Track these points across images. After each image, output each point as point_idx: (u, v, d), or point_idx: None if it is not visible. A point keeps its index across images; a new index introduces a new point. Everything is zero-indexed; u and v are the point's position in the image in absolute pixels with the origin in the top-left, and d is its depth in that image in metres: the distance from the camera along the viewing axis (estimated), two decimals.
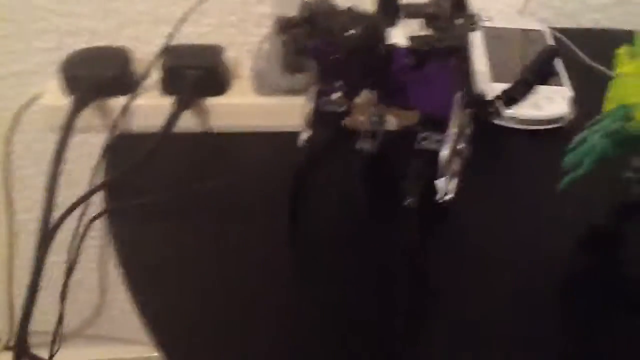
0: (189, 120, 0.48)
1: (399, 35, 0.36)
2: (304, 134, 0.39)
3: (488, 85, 0.52)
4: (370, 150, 0.41)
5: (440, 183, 0.34)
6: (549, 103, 0.50)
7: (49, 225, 0.43)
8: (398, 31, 0.35)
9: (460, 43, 0.30)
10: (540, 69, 0.52)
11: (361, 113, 0.43)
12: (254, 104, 0.48)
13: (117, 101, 0.48)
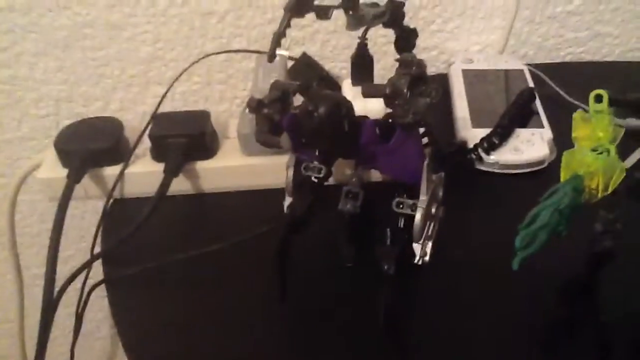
0: (180, 184, 0.50)
1: (375, 103, 0.37)
2: (287, 200, 0.41)
3: (469, 131, 0.53)
4: (352, 211, 0.42)
5: (416, 247, 0.35)
6: (530, 146, 0.51)
7: (52, 295, 0.45)
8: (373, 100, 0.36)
9: (419, 118, 0.32)
10: (518, 113, 0.53)
11: (344, 169, 0.45)
12: (242, 165, 0.50)
13: (111, 170, 0.50)
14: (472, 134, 0.52)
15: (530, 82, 0.59)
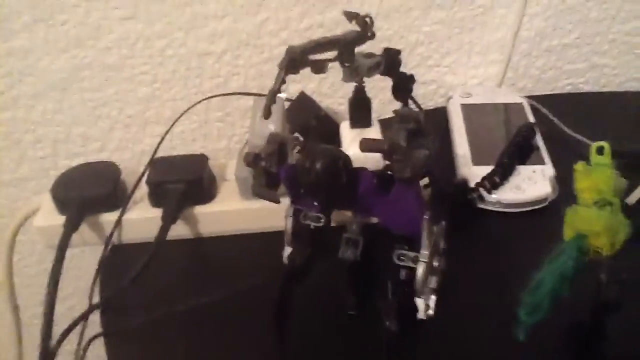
0: (179, 229, 0.49)
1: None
2: (287, 250, 0.40)
3: (470, 169, 0.53)
4: (353, 259, 0.41)
5: (419, 302, 0.34)
6: (531, 184, 0.50)
7: (49, 347, 0.44)
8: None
9: (418, 172, 0.31)
10: (519, 149, 0.52)
11: (343, 213, 0.44)
12: (241, 210, 0.49)
13: (109, 216, 0.49)
14: (473, 172, 0.52)
15: (530, 116, 0.59)
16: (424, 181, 0.42)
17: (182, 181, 0.48)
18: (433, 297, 0.35)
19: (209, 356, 0.42)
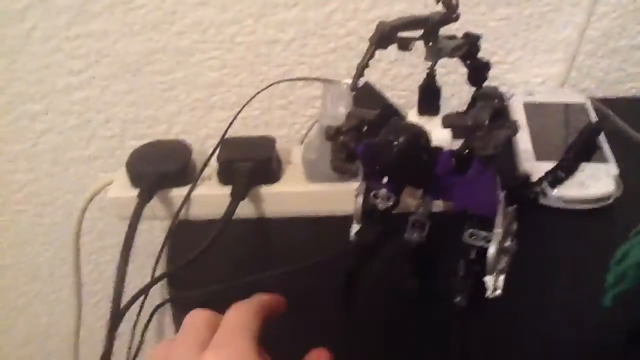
0: (245, 208, 0.51)
1: (441, 133, 0.38)
2: (354, 228, 0.41)
3: (532, 164, 0.53)
4: (419, 241, 0.42)
5: (489, 280, 0.35)
6: (595, 182, 0.50)
7: (119, 309, 0.47)
8: (440, 129, 0.37)
9: (500, 151, 0.32)
10: (583, 147, 0.52)
11: (411, 199, 0.45)
12: (306, 192, 0.51)
13: (179, 191, 0.51)
14: (536, 167, 0.52)
15: (593, 116, 0.58)
16: None
17: (251, 160, 0.50)
18: (502, 277, 0.35)
19: (273, 327, 0.43)
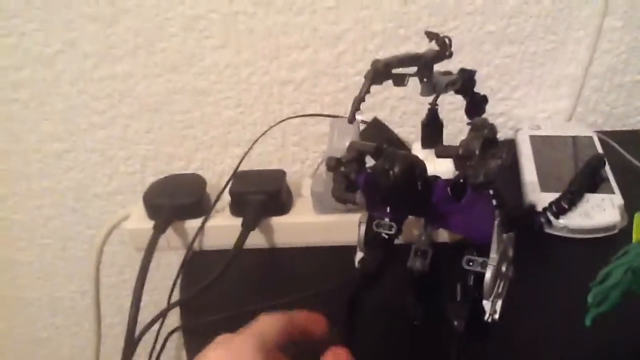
0: (256, 238, 0.53)
1: (444, 165, 0.39)
2: (358, 255, 0.43)
3: (538, 195, 0.54)
4: (421, 268, 0.43)
5: (486, 305, 0.36)
6: (600, 212, 0.51)
7: (134, 336, 0.48)
8: (443, 162, 0.38)
9: (491, 179, 0.33)
10: (588, 178, 0.53)
11: (413, 229, 0.46)
12: (314, 223, 0.53)
13: (193, 223, 0.54)
14: (541, 198, 0.53)
15: (600, 149, 0.59)
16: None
17: (262, 192, 0.52)
18: (500, 302, 0.36)
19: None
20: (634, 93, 0.66)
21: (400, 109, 0.67)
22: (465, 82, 0.40)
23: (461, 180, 0.37)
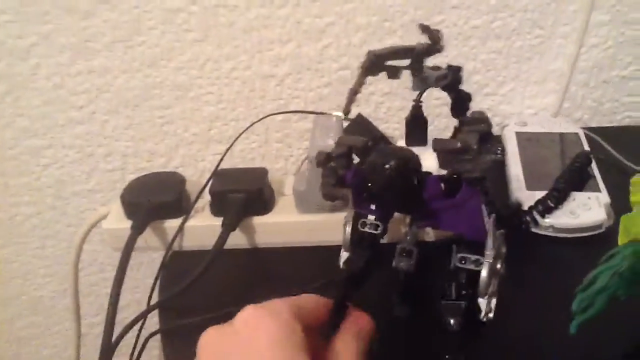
0: (237, 238, 0.52)
1: (429, 162, 0.38)
2: (343, 255, 0.41)
3: (524, 193, 0.53)
4: (407, 268, 0.42)
5: (482, 303, 0.35)
6: (586, 210, 0.50)
7: (111, 341, 0.47)
8: (427, 159, 0.37)
9: (486, 174, 0.32)
10: (574, 176, 0.53)
11: (399, 227, 0.45)
12: (296, 222, 0.51)
13: (172, 223, 0.52)
14: (527, 196, 0.52)
15: (586, 146, 0.59)
16: None
17: (243, 191, 0.50)
18: (494, 300, 0.35)
19: None
20: (620, 89, 0.66)
21: (385, 104, 0.65)
22: (452, 79, 0.39)
23: (454, 176, 0.35)
